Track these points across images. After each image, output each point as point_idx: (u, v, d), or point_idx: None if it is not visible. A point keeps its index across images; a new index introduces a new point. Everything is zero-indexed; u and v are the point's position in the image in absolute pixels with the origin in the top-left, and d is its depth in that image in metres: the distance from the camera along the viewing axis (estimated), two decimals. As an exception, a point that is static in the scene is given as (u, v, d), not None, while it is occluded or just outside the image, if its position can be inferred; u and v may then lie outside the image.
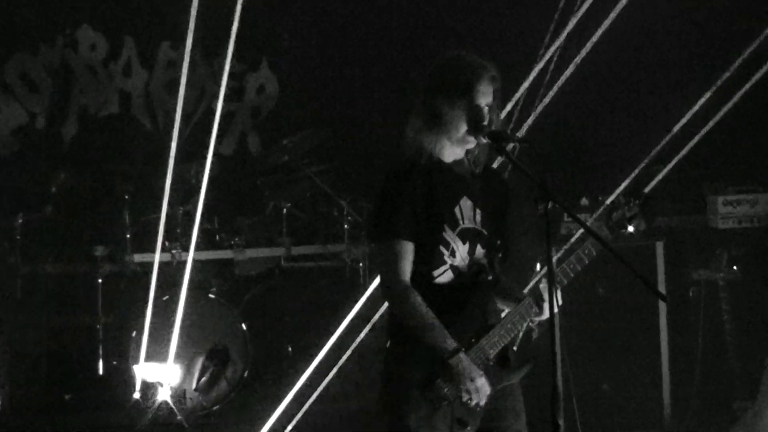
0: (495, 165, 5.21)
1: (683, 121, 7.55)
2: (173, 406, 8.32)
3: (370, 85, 10.11)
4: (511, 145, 4.82)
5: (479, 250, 4.92)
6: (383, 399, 4.92)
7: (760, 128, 8.91)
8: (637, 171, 7.52)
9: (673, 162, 7.65)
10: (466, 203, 4.91)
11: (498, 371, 4.88)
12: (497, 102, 4.89)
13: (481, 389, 4.78)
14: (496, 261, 4.97)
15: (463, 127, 4.81)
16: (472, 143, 4.85)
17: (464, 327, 4.84)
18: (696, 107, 7.77)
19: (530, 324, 4.95)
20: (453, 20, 9.89)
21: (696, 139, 7.57)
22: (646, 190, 5.15)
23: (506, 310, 4.97)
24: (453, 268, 4.88)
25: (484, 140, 4.80)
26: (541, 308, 4.90)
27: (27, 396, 8.78)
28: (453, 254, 4.87)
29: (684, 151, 7.53)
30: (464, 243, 4.89)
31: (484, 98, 4.81)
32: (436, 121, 4.83)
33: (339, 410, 8.45)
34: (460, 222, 4.89)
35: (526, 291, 5.07)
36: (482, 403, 4.80)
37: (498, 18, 9.84)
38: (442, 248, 4.86)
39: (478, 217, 4.92)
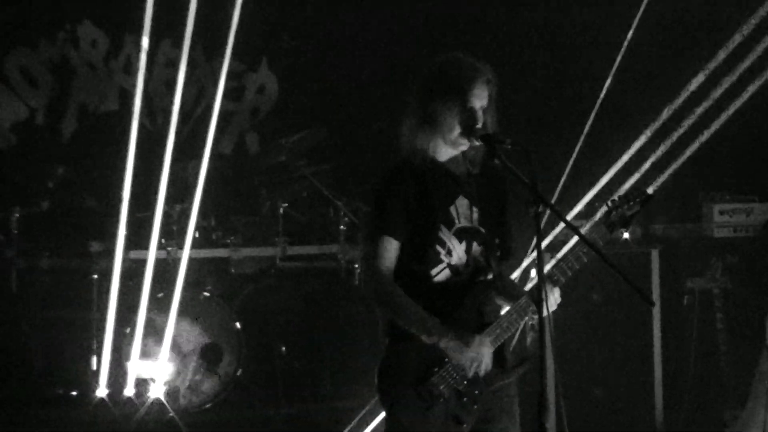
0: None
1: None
2: (166, 403, 8.34)
3: (369, 86, 10.11)
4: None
5: (476, 249, 4.94)
6: (380, 398, 4.96)
7: (757, 138, 8.92)
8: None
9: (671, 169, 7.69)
10: (462, 202, 4.93)
11: (494, 370, 4.89)
12: (492, 105, 4.91)
13: (477, 358, 4.80)
14: (494, 259, 4.99)
15: (457, 129, 4.84)
16: (465, 145, 4.88)
17: (461, 325, 4.85)
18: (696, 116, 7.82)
19: (531, 322, 4.95)
20: (453, 20, 9.91)
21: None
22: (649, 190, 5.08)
23: (505, 309, 4.98)
24: (450, 267, 4.91)
25: (477, 143, 4.82)
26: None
27: (20, 390, 8.78)
28: (450, 253, 4.90)
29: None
30: (461, 242, 4.92)
31: (479, 101, 4.84)
32: (431, 122, 4.87)
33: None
34: (456, 221, 4.92)
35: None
36: (487, 368, 4.81)
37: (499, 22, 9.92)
38: (438, 247, 4.90)
39: (475, 216, 4.94)
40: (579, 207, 8.07)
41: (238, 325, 8.72)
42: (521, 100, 9.08)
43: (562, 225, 7.81)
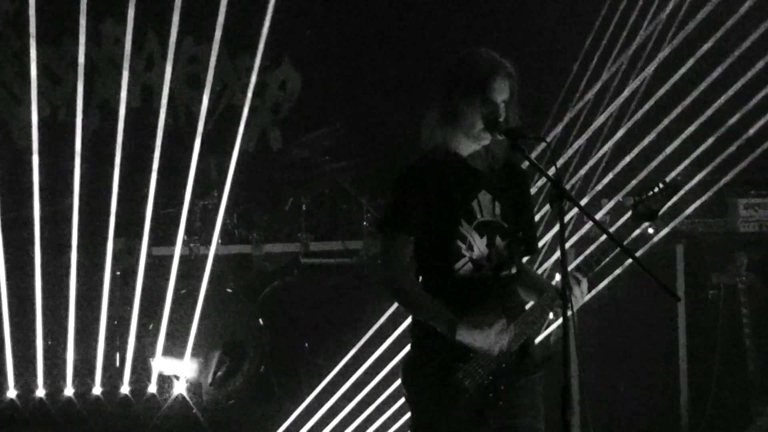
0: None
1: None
2: (189, 400, 8.35)
3: (392, 82, 10.10)
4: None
5: (499, 243, 4.92)
6: (405, 394, 4.97)
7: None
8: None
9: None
10: (485, 197, 4.92)
11: (519, 365, 4.87)
12: (514, 99, 4.89)
13: (496, 339, 4.76)
14: (517, 253, 4.98)
15: (479, 124, 4.83)
16: (487, 139, 4.87)
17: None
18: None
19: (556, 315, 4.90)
20: (476, 18, 9.89)
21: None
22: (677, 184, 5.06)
23: (530, 304, 4.96)
24: (472, 261, 4.89)
25: (500, 137, 4.80)
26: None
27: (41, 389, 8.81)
28: (470, 248, 4.89)
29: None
30: (482, 236, 4.90)
31: (500, 95, 4.82)
32: (452, 117, 4.86)
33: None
34: (478, 215, 4.90)
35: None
36: (504, 348, 4.78)
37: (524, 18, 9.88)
38: (458, 242, 4.88)
39: (498, 210, 4.93)
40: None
41: (260, 321, 8.73)
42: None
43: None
